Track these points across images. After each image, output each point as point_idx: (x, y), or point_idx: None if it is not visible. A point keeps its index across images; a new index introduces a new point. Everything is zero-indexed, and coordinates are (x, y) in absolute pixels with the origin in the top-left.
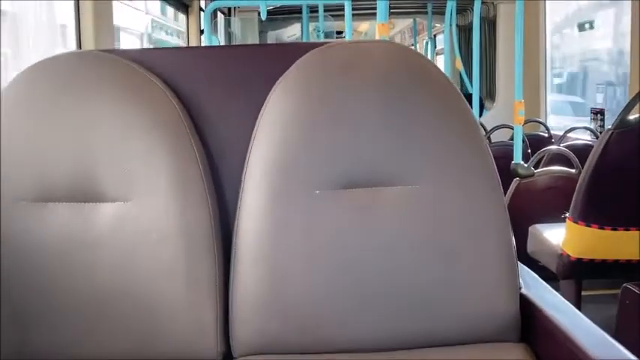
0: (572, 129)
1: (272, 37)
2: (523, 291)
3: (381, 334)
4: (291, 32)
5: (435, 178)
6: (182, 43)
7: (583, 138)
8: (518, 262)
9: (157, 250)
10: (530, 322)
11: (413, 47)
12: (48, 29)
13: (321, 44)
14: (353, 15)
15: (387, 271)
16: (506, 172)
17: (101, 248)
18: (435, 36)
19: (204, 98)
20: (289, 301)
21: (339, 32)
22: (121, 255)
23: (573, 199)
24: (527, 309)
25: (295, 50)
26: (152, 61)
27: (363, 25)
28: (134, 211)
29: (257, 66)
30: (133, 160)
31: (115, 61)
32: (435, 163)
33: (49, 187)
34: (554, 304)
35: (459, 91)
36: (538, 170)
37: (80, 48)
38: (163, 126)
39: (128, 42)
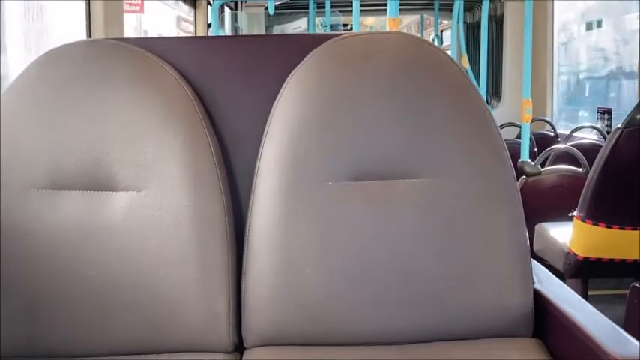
0: (578, 128)
1: (278, 30)
2: (536, 286)
3: (393, 327)
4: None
5: (448, 172)
6: None
7: (589, 137)
8: (531, 258)
9: (170, 240)
10: (543, 317)
11: None
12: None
13: (334, 35)
14: (360, 10)
15: (399, 264)
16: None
17: (113, 237)
18: (442, 32)
19: (218, 87)
20: (301, 292)
21: (345, 25)
22: (134, 244)
23: (581, 197)
24: (540, 304)
25: (308, 41)
26: (165, 50)
27: (369, 19)
28: (147, 200)
29: (269, 56)
30: (146, 148)
31: (127, 50)
32: (449, 156)
33: (61, 175)
34: (568, 300)
35: (475, 84)
36: (545, 169)
37: (90, 37)
38: (177, 115)
39: None
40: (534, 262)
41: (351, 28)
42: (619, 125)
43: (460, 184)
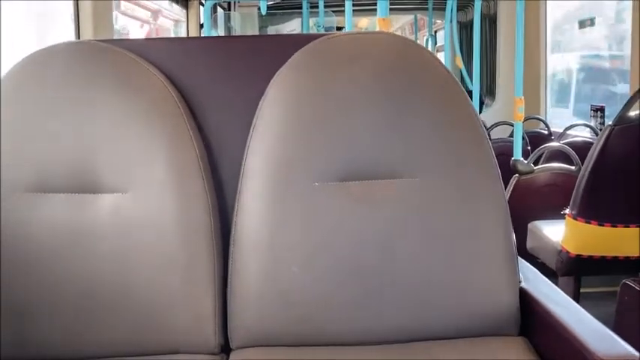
0: (571, 126)
1: (272, 31)
2: (523, 285)
3: (380, 327)
4: (290, 27)
5: (434, 171)
6: None
7: (582, 135)
8: (518, 257)
9: (155, 242)
10: (529, 315)
11: None
12: None
13: (321, 35)
14: (353, 11)
15: (386, 264)
16: (506, 169)
17: (99, 239)
18: (435, 32)
19: (203, 89)
20: (287, 294)
21: (339, 28)
22: (119, 246)
23: (573, 195)
24: (527, 303)
25: (295, 42)
26: (151, 52)
27: (363, 21)
28: (132, 202)
29: (256, 57)
30: (131, 150)
31: (113, 52)
32: (435, 156)
33: (46, 178)
34: (554, 299)
35: (461, 85)
36: (537, 167)
37: (79, 38)
38: (162, 117)
39: None
40: (522, 261)
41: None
42: (610, 123)
43: (446, 183)
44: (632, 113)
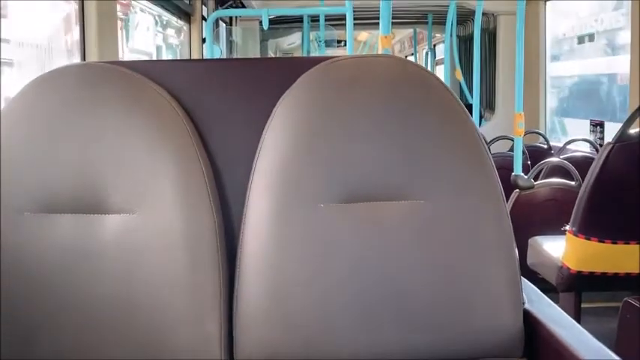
0: (571, 141)
1: (272, 45)
2: (526, 306)
3: (383, 349)
4: (291, 40)
5: (437, 193)
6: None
7: (582, 150)
8: (522, 278)
9: (162, 262)
10: (533, 338)
11: (413, 57)
12: None
13: (325, 59)
14: (354, 25)
15: (389, 285)
16: (506, 184)
17: (105, 260)
18: (435, 46)
19: (210, 110)
20: (293, 313)
21: (340, 41)
22: (126, 266)
23: (573, 212)
24: (531, 325)
25: (299, 64)
26: (157, 73)
27: (363, 34)
28: (139, 223)
29: (262, 79)
30: (138, 171)
31: (120, 73)
32: (438, 177)
33: (53, 199)
34: (558, 320)
35: (462, 104)
36: (538, 182)
37: (84, 60)
38: (169, 138)
39: None
40: (525, 281)
41: (346, 43)
42: (610, 140)
43: (449, 204)
44: (632, 131)
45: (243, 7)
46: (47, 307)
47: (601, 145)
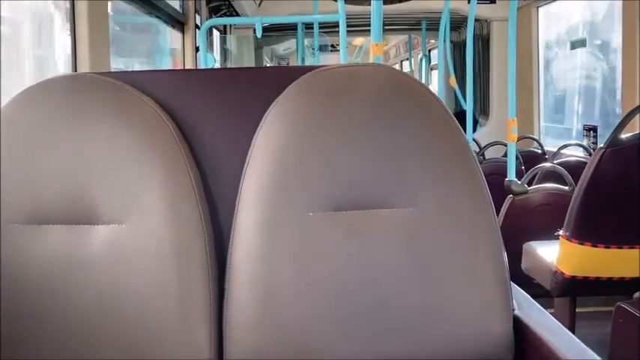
0: (565, 145)
1: (267, 51)
2: (517, 313)
3: (373, 356)
4: (286, 46)
5: (426, 201)
6: None
7: (576, 154)
8: (512, 283)
9: (151, 272)
10: (523, 344)
11: (407, 61)
12: None
13: (315, 67)
14: (347, 31)
15: (379, 293)
16: (500, 189)
17: (95, 270)
18: (430, 51)
19: (199, 120)
20: (282, 323)
21: (333, 46)
22: (115, 277)
23: (567, 216)
24: (521, 331)
25: (290, 73)
26: (147, 84)
27: (359, 39)
28: (128, 233)
29: (252, 89)
30: (127, 182)
31: (109, 84)
32: (427, 185)
33: (42, 210)
34: (548, 326)
35: (451, 112)
36: (532, 187)
37: (75, 70)
38: (158, 148)
39: None
40: (516, 287)
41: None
42: (602, 145)
43: (439, 212)
44: (624, 136)
45: (237, 15)
46: (36, 317)
47: (594, 150)
